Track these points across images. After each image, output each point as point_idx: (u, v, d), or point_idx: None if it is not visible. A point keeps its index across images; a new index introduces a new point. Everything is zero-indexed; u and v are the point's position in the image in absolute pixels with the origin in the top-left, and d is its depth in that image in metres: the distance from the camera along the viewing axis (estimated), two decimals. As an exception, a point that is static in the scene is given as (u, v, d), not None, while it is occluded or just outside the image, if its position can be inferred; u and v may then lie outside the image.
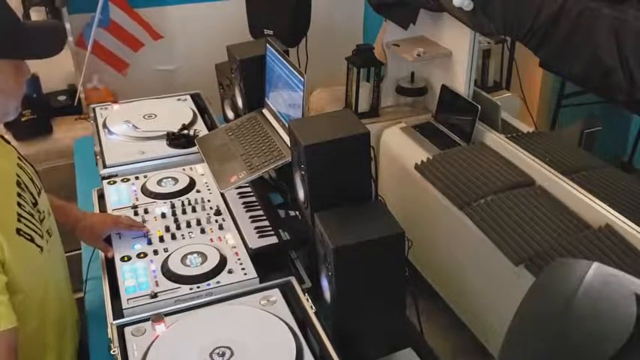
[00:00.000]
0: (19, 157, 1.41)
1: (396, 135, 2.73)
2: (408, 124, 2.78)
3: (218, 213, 1.80)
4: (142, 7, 3.40)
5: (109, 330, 1.40)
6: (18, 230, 1.27)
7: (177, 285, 1.53)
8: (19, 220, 1.28)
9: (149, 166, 2.05)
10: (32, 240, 1.31)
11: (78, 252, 1.82)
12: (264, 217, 1.77)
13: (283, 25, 3.00)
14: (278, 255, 1.67)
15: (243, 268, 1.58)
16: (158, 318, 1.40)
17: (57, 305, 1.45)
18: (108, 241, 1.69)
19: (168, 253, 1.63)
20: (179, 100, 2.48)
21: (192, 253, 1.62)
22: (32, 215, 1.34)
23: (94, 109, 2.40)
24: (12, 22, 1.24)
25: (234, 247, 1.66)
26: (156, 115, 2.32)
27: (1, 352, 1.17)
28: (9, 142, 1.41)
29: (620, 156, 3.59)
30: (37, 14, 2.96)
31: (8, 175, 1.32)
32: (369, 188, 1.55)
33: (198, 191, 1.91)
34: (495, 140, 2.48)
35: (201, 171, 2.01)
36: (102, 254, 1.66)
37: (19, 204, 1.30)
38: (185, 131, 2.18)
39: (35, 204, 1.38)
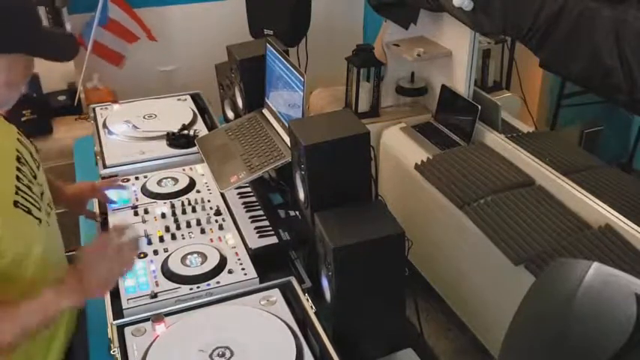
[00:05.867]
0: (18, 134, 1.44)
1: (396, 135, 2.73)
2: (408, 124, 2.78)
3: (218, 213, 1.79)
4: (142, 6, 3.40)
5: (109, 330, 1.40)
6: (15, 202, 1.29)
7: (177, 285, 1.53)
8: (16, 193, 1.30)
9: (149, 167, 2.05)
10: (30, 212, 1.32)
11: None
12: (264, 217, 1.77)
13: (283, 25, 3.00)
14: (278, 255, 1.67)
15: (243, 268, 1.58)
16: (158, 318, 1.40)
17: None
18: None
19: (168, 253, 1.63)
20: (179, 100, 2.48)
21: (192, 253, 1.62)
22: (30, 189, 1.36)
23: (94, 109, 2.40)
24: (34, 20, 1.30)
25: (234, 247, 1.66)
26: (156, 115, 2.32)
27: None
28: (9, 121, 1.44)
29: (621, 156, 3.59)
30: (37, 14, 2.95)
31: (7, 150, 1.36)
32: (369, 188, 1.55)
33: (198, 191, 1.91)
34: (495, 140, 2.48)
35: (201, 171, 2.01)
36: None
37: (17, 177, 1.33)
38: (185, 131, 2.18)
39: (35, 177, 1.41)
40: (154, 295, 1.49)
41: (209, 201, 1.85)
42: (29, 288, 1.28)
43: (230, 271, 1.57)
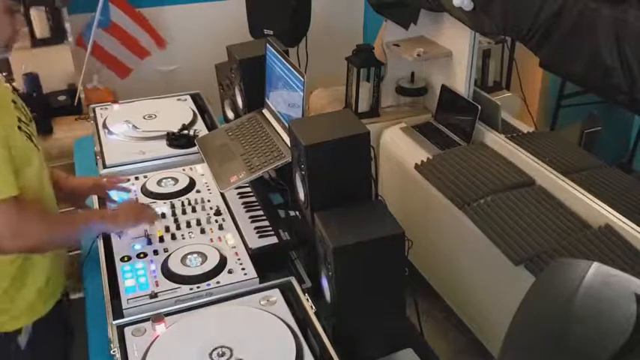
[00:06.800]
0: (13, 92, 1.53)
1: (396, 135, 2.73)
2: (408, 124, 2.78)
3: (218, 213, 1.79)
4: (142, 7, 3.40)
5: (109, 330, 1.40)
6: (19, 127, 1.43)
7: (177, 285, 1.53)
8: (19, 121, 1.44)
9: (149, 166, 2.05)
10: (30, 139, 1.47)
11: (77, 252, 1.82)
12: (264, 217, 1.77)
13: (283, 25, 3.00)
14: (278, 255, 1.67)
15: (243, 268, 1.58)
16: (158, 318, 1.40)
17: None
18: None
19: (168, 253, 1.63)
20: (179, 100, 2.48)
21: (192, 253, 1.62)
22: (28, 125, 1.48)
23: (94, 109, 2.40)
24: None
25: (234, 247, 1.66)
26: (156, 115, 2.32)
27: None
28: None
29: (621, 156, 3.59)
30: (37, 13, 2.96)
31: (4, 93, 1.45)
32: (369, 188, 1.55)
33: (198, 191, 1.91)
34: (495, 140, 2.48)
35: (201, 171, 2.01)
36: (101, 253, 1.66)
37: (17, 113, 1.45)
38: (185, 131, 2.18)
39: (30, 120, 1.52)
40: (154, 295, 1.49)
41: (209, 201, 1.85)
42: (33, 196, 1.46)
43: (230, 271, 1.57)
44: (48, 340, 1.59)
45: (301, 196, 1.58)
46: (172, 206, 1.83)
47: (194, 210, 1.81)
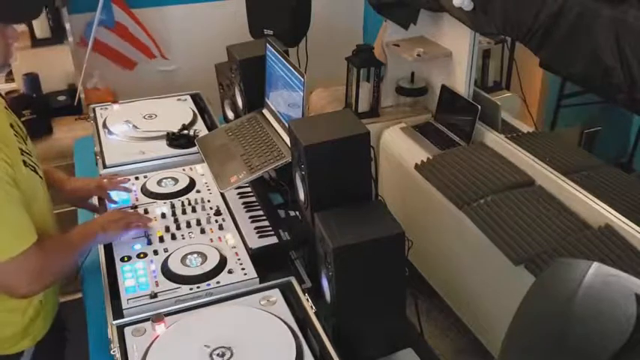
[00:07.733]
0: (5, 107, 1.49)
1: (396, 135, 2.73)
2: (408, 124, 2.78)
3: (218, 213, 1.79)
4: (142, 7, 3.40)
5: (109, 330, 1.40)
6: (24, 162, 1.42)
7: (177, 285, 1.53)
8: (22, 154, 1.41)
9: (149, 166, 2.05)
10: (35, 171, 1.47)
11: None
12: (264, 217, 1.77)
13: (283, 25, 3.00)
14: (278, 255, 1.67)
15: (243, 268, 1.58)
16: (158, 318, 1.40)
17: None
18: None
19: (168, 254, 1.63)
20: (179, 100, 2.48)
21: (192, 253, 1.62)
22: (29, 153, 1.47)
23: (94, 109, 2.40)
24: None
25: (234, 247, 1.66)
26: (156, 115, 2.32)
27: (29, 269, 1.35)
28: None
29: (621, 156, 3.59)
30: (37, 14, 2.96)
31: (3, 116, 1.43)
32: (369, 188, 1.55)
33: (198, 191, 1.91)
34: (495, 140, 2.48)
35: (201, 171, 2.01)
36: (101, 253, 1.66)
37: (18, 142, 1.43)
38: (185, 131, 2.18)
39: (25, 140, 1.51)
40: (154, 295, 1.49)
41: (209, 201, 1.85)
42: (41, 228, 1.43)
43: (230, 271, 1.57)
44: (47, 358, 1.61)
45: (301, 196, 1.58)
46: (172, 206, 1.83)
47: (194, 210, 1.81)
